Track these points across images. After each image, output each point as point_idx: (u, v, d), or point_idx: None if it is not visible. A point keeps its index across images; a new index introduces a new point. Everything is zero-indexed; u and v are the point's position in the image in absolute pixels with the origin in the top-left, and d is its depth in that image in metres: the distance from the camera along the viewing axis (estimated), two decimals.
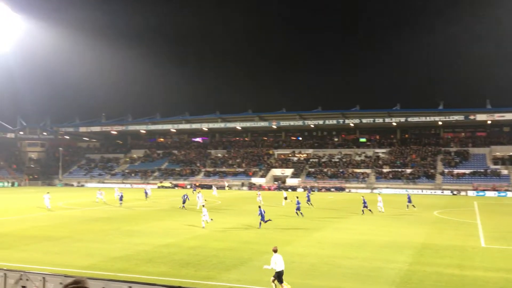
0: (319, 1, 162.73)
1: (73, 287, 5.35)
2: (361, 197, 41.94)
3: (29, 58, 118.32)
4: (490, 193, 67.55)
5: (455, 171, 75.91)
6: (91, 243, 23.99)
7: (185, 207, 42.57)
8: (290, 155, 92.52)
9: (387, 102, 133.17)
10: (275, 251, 15.39)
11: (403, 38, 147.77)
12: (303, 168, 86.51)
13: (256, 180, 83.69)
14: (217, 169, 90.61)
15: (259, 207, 31.33)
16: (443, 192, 70.47)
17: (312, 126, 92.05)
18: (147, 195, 54.26)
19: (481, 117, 79.02)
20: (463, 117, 79.97)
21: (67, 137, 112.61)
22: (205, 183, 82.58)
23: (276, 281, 15.10)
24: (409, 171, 78.55)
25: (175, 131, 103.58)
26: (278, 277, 15.01)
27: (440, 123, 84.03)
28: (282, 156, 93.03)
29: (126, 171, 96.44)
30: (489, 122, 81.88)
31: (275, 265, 14.99)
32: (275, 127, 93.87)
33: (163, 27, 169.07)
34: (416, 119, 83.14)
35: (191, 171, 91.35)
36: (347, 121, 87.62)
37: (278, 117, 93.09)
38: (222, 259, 20.16)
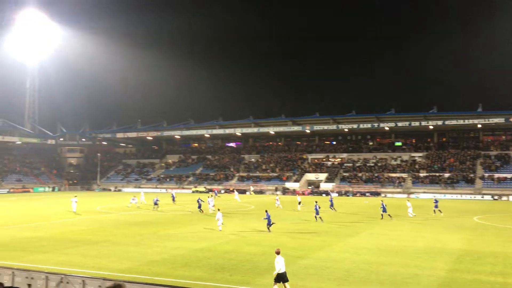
0: (352, 4, 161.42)
1: None
2: (380, 201, 41.05)
3: (67, 66, 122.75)
4: None
5: (496, 175, 73.50)
6: (128, 246, 24.47)
7: (202, 210, 42.81)
8: (324, 160, 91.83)
9: (423, 105, 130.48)
10: (278, 253, 15.47)
11: (440, 39, 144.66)
12: (337, 172, 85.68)
13: (289, 184, 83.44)
14: (251, 174, 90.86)
15: (266, 211, 31.48)
16: (483, 197, 68.30)
17: (346, 130, 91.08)
18: (174, 199, 55.33)
19: None
20: (503, 119, 77.32)
21: (105, 143, 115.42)
22: (239, 188, 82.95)
23: (277, 282, 15.25)
24: (447, 175, 76.58)
25: (209, 136, 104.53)
26: (278, 278, 15.19)
27: (479, 126, 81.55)
28: (315, 160, 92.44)
29: (161, 176, 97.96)
30: None
31: (278, 267, 15.17)
32: (308, 131, 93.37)
33: (196, 33, 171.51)
34: (454, 122, 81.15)
35: (225, 176, 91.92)
36: (382, 125, 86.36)
37: (311, 121, 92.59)
38: (256, 263, 20.18)
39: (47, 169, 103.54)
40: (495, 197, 67.07)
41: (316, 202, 38.10)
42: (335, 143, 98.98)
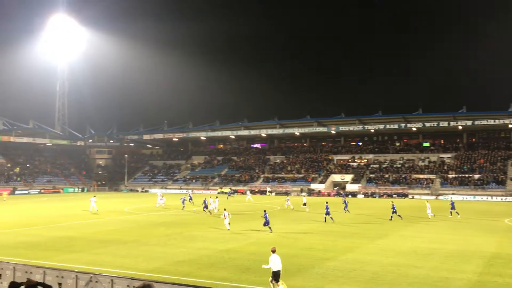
0: (379, 2, 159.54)
1: None
2: (391, 202, 40.52)
3: (95, 68, 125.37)
4: None
5: None
6: (155, 247, 24.73)
7: (209, 211, 42.90)
8: (349, 161, 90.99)
9: (452, 105, 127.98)
10: (273, 251, 15.94)
11: (470, 37, 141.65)
12: (363, 173, 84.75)
13: (315, 186, 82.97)
14: (276, 175, 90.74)
15: (264, 211, 31.71)
16: None
17: (372, 131, 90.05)
18: (191, 199, 55.81)
19: None
20: None
21: (132, 144, 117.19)
22: (263, 189, 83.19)
23: (273, 281, 15.57)
24: (477, 176, 74.82)
25: (234, 137, 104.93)
26: (274, 276, 15.58)
27: (510, 126, 79.41)
28: (341, 161, 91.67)
29: (187, 177, 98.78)
30: None
31: (273, 265, 15.56)
32: (334, 132, 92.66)
33: (221, 35, 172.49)
34: (484, 122, 79.25)
35: (250, 177, 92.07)
36: (409, 125, 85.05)
37: (337, 122, 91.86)
38: (283, 265, 20.05)
39: (77, 170, 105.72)
40: None
41: (326, 202, 38.21)
42: (361, 144, 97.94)
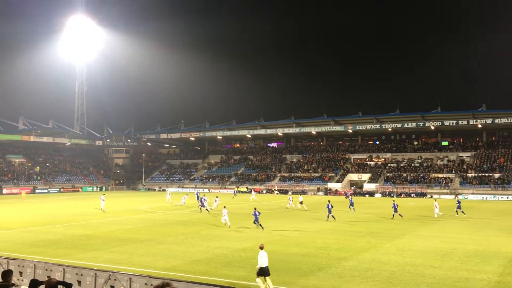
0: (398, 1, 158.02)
1: None
2: (392, 201, 39.99)
3: (113, 69, 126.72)
4: None
5: None
6: (172, 245, 24.89)
7: (207, 210, 43.02)
8: (367, 160, 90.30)
9: (471, 103, 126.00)
10: (262, 248, 16.27)
11: (490, 35, 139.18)
12: (381, 172, 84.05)
13: (332, 185, 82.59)
14: (293, 174, 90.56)
15: (254, 209, 31.77)
16: None
17: (389, 129, 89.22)
18: (198, 197, 55.47)
19: None
20: None
21: (149, 143, 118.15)
22: (281, 188, 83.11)
23: (261, 277, 15.82)
24: (497, 175, 73.61)
25: (250, 136, 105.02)
26: (260, 272, 15.83)
27: None
28: (358, 160, 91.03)
29: (204, 176, 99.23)
30: None
31: (261, 261, 15.80)
32: (351, 131, 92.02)
33: (239, 34, 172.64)
34: (504, 120, 77.86)
35: (267, 176, 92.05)
36: (427, 124, 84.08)
37: (354, 121, 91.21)
38: (298, 264, 20.07)
39: (95, 169, 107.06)
40: None
41: (329, 201, 38.02)
42: (378, 143, 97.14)
